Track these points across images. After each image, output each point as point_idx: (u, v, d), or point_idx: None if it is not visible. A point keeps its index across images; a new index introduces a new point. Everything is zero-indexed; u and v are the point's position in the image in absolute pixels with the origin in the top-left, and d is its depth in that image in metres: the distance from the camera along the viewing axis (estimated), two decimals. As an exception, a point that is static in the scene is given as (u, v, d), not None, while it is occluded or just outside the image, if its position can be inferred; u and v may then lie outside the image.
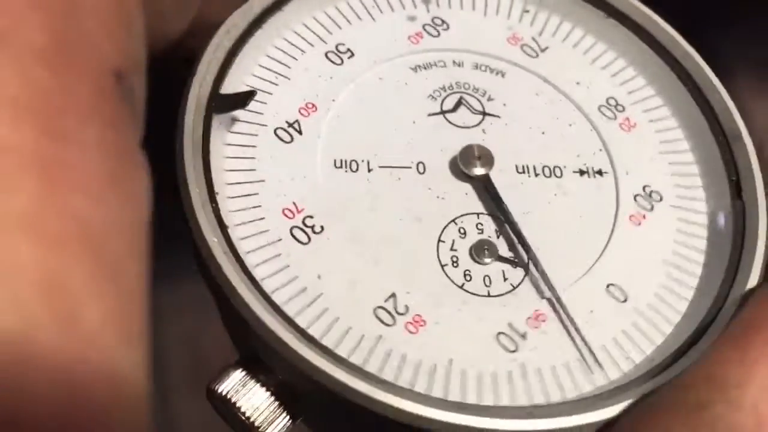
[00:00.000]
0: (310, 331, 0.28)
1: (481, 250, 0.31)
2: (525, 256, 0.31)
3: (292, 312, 0.28)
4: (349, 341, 0.28)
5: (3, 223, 0.19)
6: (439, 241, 0.31)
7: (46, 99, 0.20)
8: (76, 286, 0.19)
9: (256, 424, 0.28)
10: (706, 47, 0.36)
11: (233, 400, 0.28)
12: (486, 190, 0.32)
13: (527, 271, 0.31)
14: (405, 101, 0.33)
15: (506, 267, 0.31)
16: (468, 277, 0.30)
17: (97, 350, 0.19)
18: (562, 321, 0.30)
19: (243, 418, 0.28)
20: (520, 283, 0.31)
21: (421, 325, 0.29)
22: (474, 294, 0.30)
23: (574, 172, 0.33)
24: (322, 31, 0.35)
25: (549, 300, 0.30)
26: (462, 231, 0.31)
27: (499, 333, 0.29)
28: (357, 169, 0.31)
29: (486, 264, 0.31)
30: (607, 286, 0.31)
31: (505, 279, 0.31)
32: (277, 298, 0.28)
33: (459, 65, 0.35)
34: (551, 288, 0.30)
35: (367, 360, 0.28)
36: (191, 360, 0.64)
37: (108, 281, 0.20)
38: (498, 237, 0.31)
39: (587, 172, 0.33)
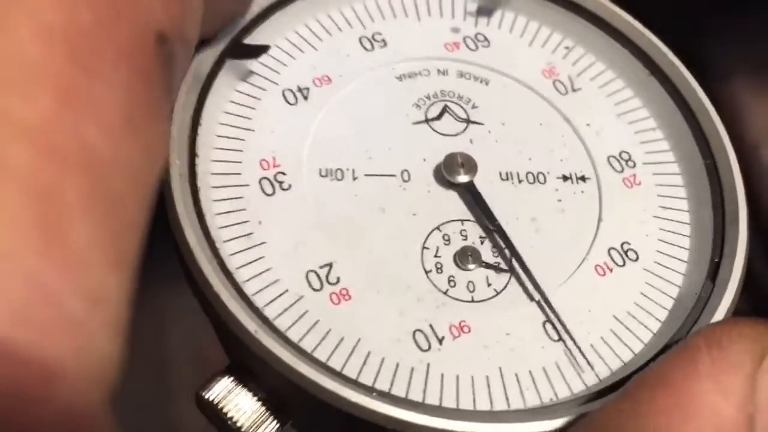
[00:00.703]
0: (240, 270, 0.29)
1: (465, 257, 0.31)
2: (509, 262, 0.31)
3: (227, 252, 0.29)
4: (272, 291, 0.29)
5: (6, 125, 0.19)
6: (424, 247, 0.31)
7: (82, 32, 0.21)
8: (68, 200, 0.19)
9: (243, 429, 0.28)
10: (705, 48, 0.35)
11: (221, 405, 0.28)
12: (471, 196, 0.32)
13: (512, 276, 0.31)
14: (390, 110, 0.34)
15: (490, 273, 0.31)
16: (452, 283, 0.31)
17: (78, 265, 0.19)
18: (551, 322, 0.30)
19: (230, 423, 0.28)
20: (503, 289, 0.31)
21: (346, 299, 0.30)
22: (458, 300, 0.30)
23: (558, 177, 0.33)
24: (365, 16, 0.37)
25: (538, 303, 0.31)
26: (446, 238, 0.32)
27: (417, 330, 0.30)
28: (342, 178, 0.32)
29: (470, 270, 0.31)
30: (543, 323, 0.31)
31: (489, 285, 0.31)
32: (222, 235, 0.30)
33: (444, 74, 0.35)
34: (539, 291, 0.31)
35: (280, 315, 0.29)
36: (194, 360, 0.65)
37: (103, 206, 0.20)
38: (482, 243, 0.32)
39: (570, 177, 0.33)
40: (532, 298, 0.31)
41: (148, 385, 0.64)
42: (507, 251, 0.32)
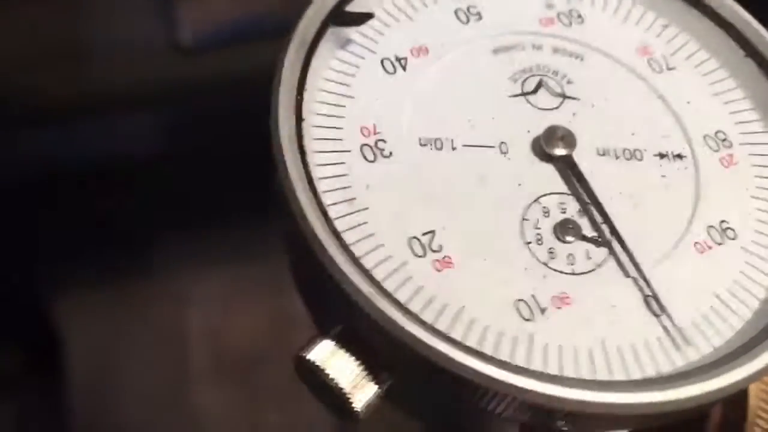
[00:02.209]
0: (344, 234, 0.29)
1: (565, 229, 0.31)
2: (608, 236, 0.31)
3: (333, 215, 0.29)
4: (376, 256, 0.29)
5: None
6: (524, 219, 0.31)
7: None
8: None
9: (344, 391, 0.28)
10: None
11: (323, 367, 0.28)
12: (570, 170, 0.32)
13: (611, 251, 0.31)
14: (486, 82, 0.34)
15: (590, 246, 0.31)
16: (552, 255, 0.31)
17: None
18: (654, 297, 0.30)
19: (332, 385, 0.28)
20: (603, 262, 0.31)
21: (449, 267, 0.30)
22: (559, 271, 0.30)
23: (654, 155, 0.33)
24: (460, -12, 0.37)
25: (634, 279, 0.30)
26: (545, 210, 0.32)
27: (519, 300, 0.30)
28: (442, 148, 0.32)
29: (569, 243, 0.31)
30: (645, 298, 0.31)
31: (589, 258, 0.31)
32: (327, 199, 0.30)
33: (538, 48, 0.35)
34: (637, 266, 0.30)
35: (385, 279, 0.29)
36: (213, 352, 0.65)
37: None
38: (581, 217, 0.32)
39: (667, 155, 0.33)
40: (629, 274, 0.31)
41: (166, 371, 0.65)
42: (605, 226, 0.31)
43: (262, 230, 0.41)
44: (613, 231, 0.31)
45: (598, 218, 0.32)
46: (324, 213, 0.29)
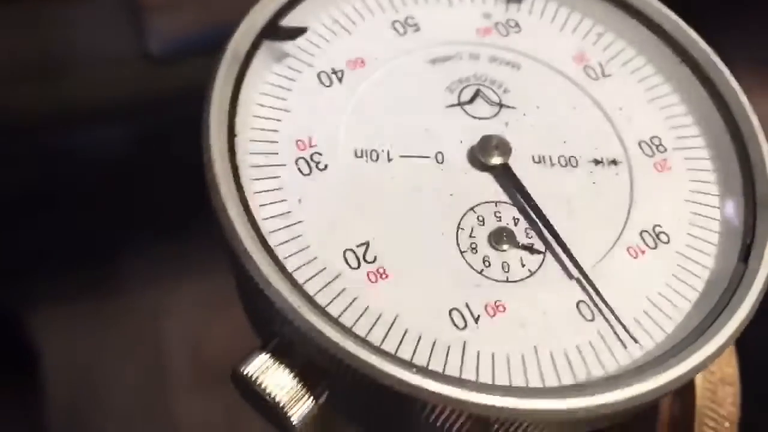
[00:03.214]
0: (278, 249, 0.29)
1: (500, 237, 0.32)
2: (545, 241, 0.32)
3: (267, 230, 0.30)
4: (310, 269, 0.30)
5: None
6: (459, 228, 0.32)
7: None
8: None
9: (281, 404, 0.28)
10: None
11: (259, 381, 0.29)
12: (506, 178, 0.33)
13: (548, 255, 0.31)
14: (423, 93, 0.34)
15: (524, 254, 0.31)
16: (487, 263, 0.31)
17: None
18: (585, 302, 0.31)
19: (268, 399, 0.28)
20: (537, 269, 0.31)
21: (383, 278, 0.30)
22: (493, 280, 0.31)
23: (589, 161, 0.34)
24: (398, 1, 0.37)
25: (577, 280, 0.31)
26: (480, 219, 0.32)
27: (453, 309, 0.30)
28: (377, 159, 0.32)
29: (504, 251, 0.31)
30: (578, 303, 0.31)
31: (523, 265, 0.31)
32: (262, 213, 0.30)
33: (475, 58, 0.36)
34: (579, 268, 0.31)
35: (319, 291, 0.29)
36: (192, 360, 0.65)
37: None
38: (516, 225, 0.32)
39: (602, 161, 0.34)
40: (570, 276, 0.31)
41: (146, 380, 0.65)
42: (543, 231, 0.32)
43: None
44: (553, 234, 0.32)
45: (535, 225, 0.32)
46: (256, 228, 0.29)
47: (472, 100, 0.35)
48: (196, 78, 0.63)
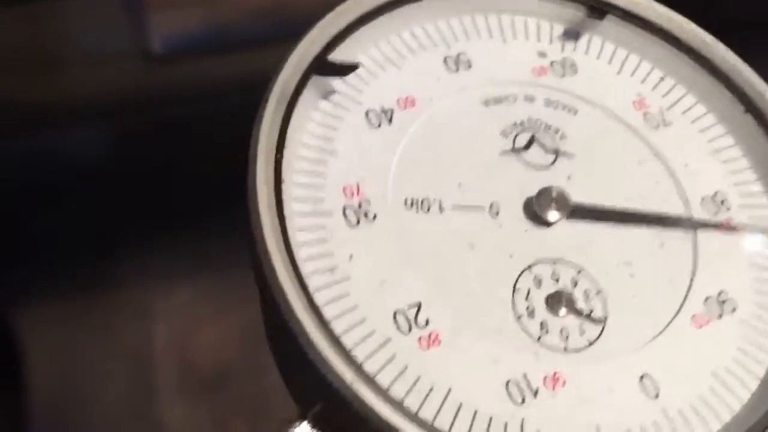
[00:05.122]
0: (325, 310, 0.27)
1: (558, 301, 0.29)
2: (603, 309, 0.30)
3: (313, 287, 0.27)
4: (358, 332, 0.27)
5: None
6: (515, 290, 0.29)
7: None
8: None
9: None
10: None
11: None
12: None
13: (605, 326, 0.29)
14: (476, 137, 0.32)
15: (583, 321, 0.29)
16: (545, 330, 0.29)
17: None
18: (649, 376, 0.29)
19: None
20: (597, 338, 0.29)
21: (435, 344, 0.28)
22: (551, 348, 0.29)
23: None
24: (449, 35, 0.35)
25: (634, 356, 0.29)
26: (537, 279, 0.30)
27: (509, 381, 0.28)
28: (429, 210, 0.30)
29: (562, 316, 0.29)
30: (641, 378, 0.29)
31: (582, 333, 0.29)
32: (306, 267, 0.28)
33: (530, 100, 0.34)
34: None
35: (368, 358, 0.27)
36: (179, 364, 0.64)
37: None
38: (574, 287, 0.30)
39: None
40: (632, 348, 0.29)
41: (132, 386, 0.63)
42: (604, 295, 0.30)
43: (228, 242, 0.39)
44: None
45: (593, 289, 0.30)
46: (303, 286, 0.27)
47: (527, 146, 0.33)
48: (196, 78, 0.62)
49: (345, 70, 0.31)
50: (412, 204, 0.30)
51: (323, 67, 0.31)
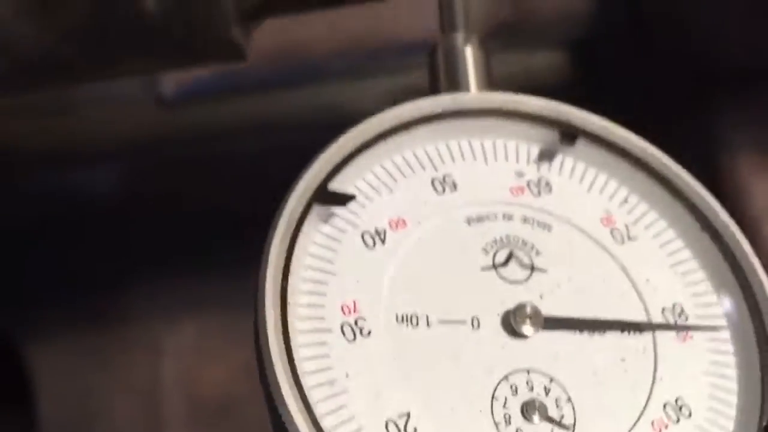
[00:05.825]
0: (321, 420, 0.31)
1: (532, 408, 0.33)
2: (573, 416, 0.33)
3: (314, 400, 0.31)
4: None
5: None
6: (493, 398, 0.33)
7: None
8: None
9: None
10: (705, 125, 0.36)
11: None
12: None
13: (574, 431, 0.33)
14: (460, 254, 0.36)
15: (554, 427, 0.33)
16: None
17: None
18: None
19: None
20: None
21: (423, 451, 0.31)
22: None
23: (616, 329, 0.35)
24: (437, 158, 0.39)
25: None
26: (514, 388, 0.33)
27: None
28: (417, 324, 0.34)
29: (535, 423, 0.33)
30: None
31: None
32: (308, 381, 0.32)
33: (509, 218, 0.37)
34: None
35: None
36: (186, 398, 0.66)
37: None
38: (546, 395, 0.33)
39: (628, 329, 0.35)
40: None
41: (141, 419, 0.66)
42: (572, 403, 0.33)
43: (236, 279, 0.42)
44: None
45: (563, 396, 0.34)
46: (303, 397, 0.31)
47: (506, 263, 0.37)
48: (206, 120, 0.64)
49: (344, 199, 0.35)
50: (403, 319, 0.34)
51: (325, 196, 0.35)
